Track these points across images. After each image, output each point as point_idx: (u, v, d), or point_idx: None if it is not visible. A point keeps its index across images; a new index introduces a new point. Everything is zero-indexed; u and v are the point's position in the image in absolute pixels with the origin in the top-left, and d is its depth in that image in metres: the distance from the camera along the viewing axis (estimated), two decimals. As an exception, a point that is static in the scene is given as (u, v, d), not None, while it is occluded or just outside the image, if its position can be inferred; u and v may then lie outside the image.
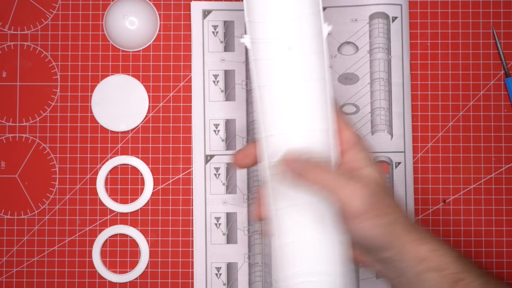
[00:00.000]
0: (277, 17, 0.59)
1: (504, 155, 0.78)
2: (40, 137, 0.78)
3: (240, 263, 0.77)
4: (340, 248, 0.61)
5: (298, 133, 0.60)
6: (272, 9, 0.59)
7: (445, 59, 0.78)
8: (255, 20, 0.59)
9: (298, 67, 0.60)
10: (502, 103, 0.78)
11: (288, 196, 0.61)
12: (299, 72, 0.60)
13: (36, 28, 0.79)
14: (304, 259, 0.61)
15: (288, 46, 0.59)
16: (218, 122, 0.78)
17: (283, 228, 0.61)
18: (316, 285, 0.61)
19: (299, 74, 0.60)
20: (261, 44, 0.59)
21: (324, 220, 0.61)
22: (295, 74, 0.60)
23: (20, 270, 0.78)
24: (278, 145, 0.60)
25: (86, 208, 0.78)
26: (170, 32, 0.79)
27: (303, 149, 0.60)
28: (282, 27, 0.59)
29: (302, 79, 0.60)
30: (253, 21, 0.59)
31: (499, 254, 0.77)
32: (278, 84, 0.60)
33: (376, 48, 0.78)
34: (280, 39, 0.59)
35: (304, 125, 0.60)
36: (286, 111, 0.60)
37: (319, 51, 0.59)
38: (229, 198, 0.78)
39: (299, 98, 0.60)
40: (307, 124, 0.60)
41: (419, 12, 0.78)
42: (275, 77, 0.60)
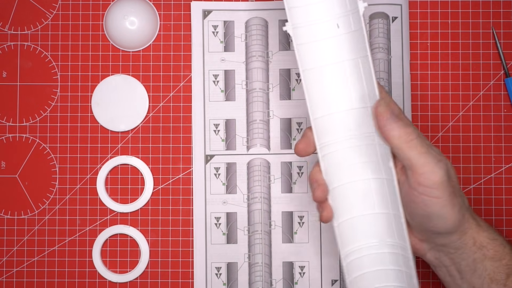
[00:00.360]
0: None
1: (504, 155, 0.78)
2: (40, 137, 0.78)
3: (240, 263, 0.77)
4: (402, 222, 0.61)
5: (349, 111, 0.62)
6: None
7: (445, 59, 0.78)
8: (297, 5, 0.60)
9: (346, 44, 0.61)
10: (502, 103, 0.78)
11: (342, 174, 0.63)
12: (347, 50, 0.61)
13: (36, 28, 0.79)
14: (365, 233, 0.63)
15: (336, 24, 0.60)
16: (218, 122, 0.78)
17: (340, 205, 0.63)
18: (384, 256, 0.62)
19: (347, 52, 0.61)
20: (305, 28, 0.60)
21: (382, 195, 0.62)
22: (343, 52, 0.61)
23: (20, 270, 0.78)
24: (327, 126, 0.62)
25: (86, 208, 0.78)
26: (170, 32, 0.79)
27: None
28: (327, 6, 0.60)
29: (350, 57, 0.61)
30: (295, 6, 0.60)
31: (499, 254, 0.77)
32: (326, 65, 0.61)
33: (376, 48, 0.78)
34: (327, 19, 0.60)
35: (354, 103, 0.62)
36: (335, 90, 0.62)
37: (361, 27, 0.60)
38: (229, 198, 0.78)
39: (348, 76, 0.61)
40: (357, 101, 0.62)
41: (419, 12, 0.78)
42: (323, 58, 0.61)
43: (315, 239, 0.77)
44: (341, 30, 0.61)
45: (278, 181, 0.78)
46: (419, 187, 0.59)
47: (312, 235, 0.77)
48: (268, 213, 0.77)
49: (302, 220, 0.77)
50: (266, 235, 0.77)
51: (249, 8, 0.79)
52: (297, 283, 0.77)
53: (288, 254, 0.77)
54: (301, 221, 0.77)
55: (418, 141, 0.59)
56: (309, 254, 0.77)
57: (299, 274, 0.77)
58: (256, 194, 0.77)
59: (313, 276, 0.77)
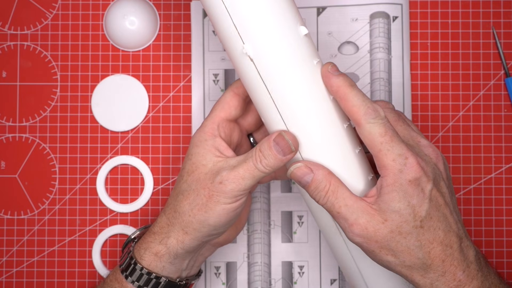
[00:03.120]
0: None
1: (504, 155, 0.77)
2: (40, 137, 0.78)
3: (240, 262, 0.77)
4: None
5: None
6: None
7: (445, 59, 0.78)
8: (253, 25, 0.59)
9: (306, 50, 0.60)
10: (502, 103, 0.78)
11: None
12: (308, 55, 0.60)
13: (36, 28, 0.79)
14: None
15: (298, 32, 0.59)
16: (218, 122, 0.78)
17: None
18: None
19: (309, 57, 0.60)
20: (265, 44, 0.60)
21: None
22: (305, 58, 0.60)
23: (20, 270, 0.78)
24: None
25: (86, 208, 0.78)
26: (170, 32, 0.79)
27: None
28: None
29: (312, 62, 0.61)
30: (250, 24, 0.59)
31: (499, 254, 0.77)
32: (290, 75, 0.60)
33: (376, 48, 0.77)
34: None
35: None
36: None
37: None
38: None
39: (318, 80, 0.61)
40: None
41: (419, 12, 0.78)
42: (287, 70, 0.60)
43: (314, 239, 0.77)
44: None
45: (278, 181, 0.78)
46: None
47: (312, 235, 0.77)
48: (268, 212, 0.77)
49: (302, 219, 0.77)
50: (265, 235, 0.77)
51: (249, 7, 0.79)
52: (296, 282, 0.77)
53: (287, 253, 0.77)
54: (300, 221, 0.77)
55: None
56: (308, 253, 0.77)
57: (298, 273, 0.77)
58: (256, 193, 0.77)
59: (312, 276, 0.77)
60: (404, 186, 0.57)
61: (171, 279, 0.66)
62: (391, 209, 0.58)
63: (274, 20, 0.58)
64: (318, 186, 0.60)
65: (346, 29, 0.78)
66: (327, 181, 0.59)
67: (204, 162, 0.64)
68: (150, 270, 0.65)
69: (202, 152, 0.64)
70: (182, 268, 0.67)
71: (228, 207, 0.63)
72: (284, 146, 0.60)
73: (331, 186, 0.59)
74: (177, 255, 0.65)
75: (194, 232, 0.64)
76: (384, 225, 0.58)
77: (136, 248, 0.67)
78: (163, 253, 0.65)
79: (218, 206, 0.62)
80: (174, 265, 0.66)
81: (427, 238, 0.58)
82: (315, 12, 0.78)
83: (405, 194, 0.57)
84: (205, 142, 0.64)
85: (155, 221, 0.67)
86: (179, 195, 0.65)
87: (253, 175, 0.62)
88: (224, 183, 0.62)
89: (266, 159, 0.61)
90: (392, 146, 0.58)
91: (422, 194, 0.58)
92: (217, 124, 0.65)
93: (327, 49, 0.78)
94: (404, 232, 0.58)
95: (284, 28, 0.58)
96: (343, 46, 0.78)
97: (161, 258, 0.65)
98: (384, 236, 0.58)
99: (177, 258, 0.65)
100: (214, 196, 0.62)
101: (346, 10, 0.78)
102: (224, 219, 0.63)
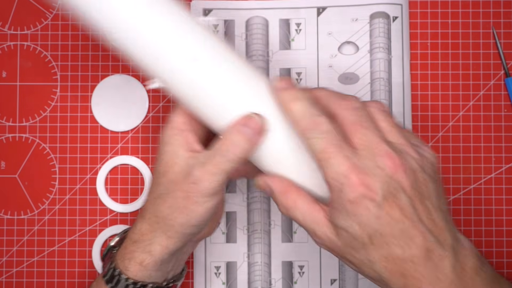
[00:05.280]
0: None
1: (504, 155, 0.77)
2: (40, 137, 0.78)
3: (240, 262, 0.77)
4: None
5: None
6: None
7: (445, 59, 0.78)
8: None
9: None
10: (502, 103, 0.78)
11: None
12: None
13: (36, 28, 0.79)
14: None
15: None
16: (218, 122, 0.78)
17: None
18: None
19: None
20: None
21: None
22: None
23: (20, 270, 0.78)
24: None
25: (86, 208, 0.78)
26: (170, 32, 0.79)
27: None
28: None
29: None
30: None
31: (499, 254, 0.77)
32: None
33: (376, 48, 0.77)
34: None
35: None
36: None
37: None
38: (228, 197, 0.78)
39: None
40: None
41: (419, 12, 0.78)
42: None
43: (314, 239, 0.77)
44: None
45: (278, 181, 0.78)
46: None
47: (312, 235, 0.77)
48: (268, 212, 0.77)
49: (302, 219, 0.77)
50: (265, 235, 0.77)
51: (250, 7, 0.79)
52: (296, 282, 0.77)
53: (288, 253, 0.77)
54: (300, 221, 0.77)
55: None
56: (309, 253, 0.77)
57: (298, 273, 0.77)
58: (256, 193, 0.77)
59: (313, 276, 0.77)
60: (346, 206, 0.55)
61: (157, 284, 0.65)
62: (339, 225, 0.57)
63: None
64: (277, 200, 0.60)
65: (346, 29, 0.78)
66: (284, 196, 0.59)
67: (176, 159, 0.62)
68: (136, 280, 0.64)
69: (173, 149, 0.62)
70: (167, 270, 0.66)
71: (209, 205, 0.61)
72: (254, 125, 0.59)
73: (288, 200, 0.59)
74: (162, 261, 0.64)
75: (177, 235, 0.63)
76: (337, 238, 0.57)
77: (119, 258, 0.65)
78: (148, 262, 0.63)
79: (198, 207, 0.61)
80: (160, 271, 0.65)
81: (381, 254, 0.56)
82: (315, 12, 0.78)
83: (347, 213, 0.56)
84: (174, 137, 0.63)
85: (133, 227, 0.65)
86: (157, 199, 0.63)
87: (223, 169, 0.60)
88: (197, 183, 0.60)
89: (235, 146, 0.60)
90: (331, 164, 0.56)
91: (367, 212, 0.55)
92: (185, 117, 0.63)
93: (327, 49, 0.78)
94: (355, 248, 0.57)
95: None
96: (343, 46, 0.78)
97: (147, 266, 0.64)
98: (339, 248, 0.58)
99: (162, 264, 0.64)
100: (191, 197, 0.61)
101: (346, 10, 0.78)
102: (206, 217, 0.62)
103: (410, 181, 0.56)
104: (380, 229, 0.55)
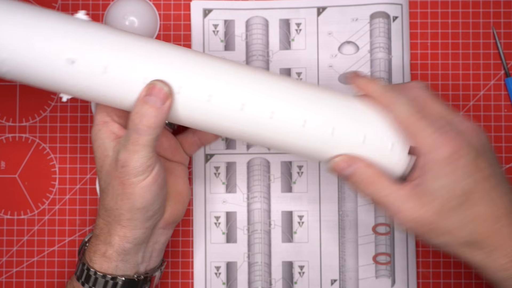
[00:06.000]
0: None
1: (504, 155, 0.77)
2: (40, 137, 0.78)
3: (240, 262, 0.77)
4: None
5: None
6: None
7: (445, 59, 0.78)
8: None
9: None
10: (502, 103, 0.78)
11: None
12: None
13: (36, 28, 0.79)
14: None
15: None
16: (218, 122, 0.78)
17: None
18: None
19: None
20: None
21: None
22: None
23: (20, 270, 0.78)
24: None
25: (86, 208, 0.78)
26: (170, 32, 0.79)
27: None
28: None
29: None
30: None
31: (499, 254, 0.77)
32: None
33: (376, 48, 0.77)
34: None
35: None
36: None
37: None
38: (229, 197, 0.78)
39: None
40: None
41: (419, 12, 0.78)
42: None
43: (314, 239, 0.77)
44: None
45: (278, 181, 0.78)
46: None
47: (312, 235, 0.77)
48: (268, 212, 0.77)
49: (302, 219, 0.77)
50: (265, 235, 0.77)
51: (250, 7, 0.79)
52: (296, 282, 0.77)
53: (288, 253, 0.77)
54: (300, 221, 0.77)
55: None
56: (309, 253, 0.77)
57: (298, 273, 0.77)
58: (256, 193, 0.77)
59: (313, 276, 0.77)
60: (440, 164, 0.58)
61: (127, 276, 0.65)
62: (432, 189, 0.58)
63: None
64: (359, 179, 0.60)
65: (346, 29, 0.78)
66: (367, 173, 0.60)
67: (106, 152, 0.63)
68: (104, 273, 0.64)
69: (101, 143, 0.63)
70: (137, 262, 0.66)
71: (144, 184, 0.61)
72: (158, 92, 0.59)
73: (371, 177, 0.60)
74: (126, 251, 0.64)
75: (129, 222, 0.63)
76: (429, 207, 0.58)
77: (86, 253, 0.66)
78: (111, 253, 0.64)
79: (134, 188, 0.61)
80: (128, 262, 0.65)
81: (471, 214, 0.58)
82: (315, 12, 0.78)
83: (443, 172, 0.57)
84: (99, 132, 0.64)
85: (95, 223, 0.66)
86: (102, 194, 0.64)
87: (142, 144, 0.60)
88: (124, 165, 0.61)
89: (145, 117, 0.59)
90: (424, 126, 0.59)
91: (460, 170, 0.58)
92: (105, 111, 0.64)
93: (327, 49, 0.78)
94: (448, 210, 0.58)
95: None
96: (343, 46, 0.78)
97: (110, 258, 0.64)
98: (430, 217, 0.58)
99: (128, 254, 0.64)
100: (125, 181, 0.61)
101: (346, 10, 0.78)
102: (149, 196, 0.62)
103: (485, 147, 0.61)
104: (472, 187, 0.58)
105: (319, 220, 0.77)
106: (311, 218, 0.77)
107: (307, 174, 0.77)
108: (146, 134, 0.60)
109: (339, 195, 0.77)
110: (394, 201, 0.59)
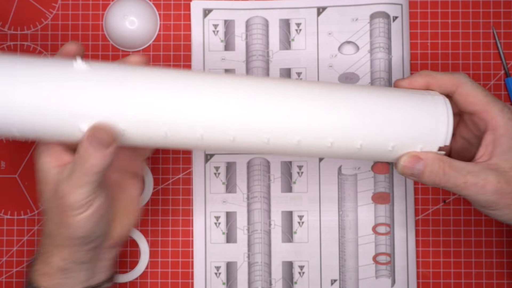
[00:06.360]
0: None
1: (504, 155, 0.77)
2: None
3: (240, 262, 0.77)
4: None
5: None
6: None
7: (445, 59, 0.78)
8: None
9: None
10: (502, 103, 0.78)
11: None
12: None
13: (36, 28, 0.79)
14: None
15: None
16: (218, 122, 0.78)
17: None
18: None
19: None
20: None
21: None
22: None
23: (20, 270, 0.78)
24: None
25: (86, 208, 0.78)
26: (170, 32, 0.79)
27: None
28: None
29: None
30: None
31: (499, 254, 0.77)
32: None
33: (376, 48, 0.77)
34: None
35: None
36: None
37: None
38: (229, 197, 0.78)
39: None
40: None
41: (419, 12, 0.78)
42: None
43: (314, 239, 0.77)
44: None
45: (278, 181, 0.78)
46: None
47: (312, 235, 0.77)
48: (268, 212, 0.77)
49: (302, 219, 0.77)
50: (265, 235, 0.77)
51: (250, 7, 0.79)
52: (296, 282, 0.77)
53: (288, 253, 0.77)
54: (300, 221, 0.77)
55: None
56: (309, 253, 0.77)
57: (298, 273, 0.77)
58: (256, 193, 0.77)
59: (313, 276, 0.77)
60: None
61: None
62: (508, 159, 0.60)
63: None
64: (433, 169, 0.60)
65: (346, 29, 0.78)
66: (439, 160, 0.60)
67: (47, 178, 0.60)
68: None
69: (44, 167, 0.61)
70: (81, 280, 0.64)
71: (84, 216, 0.60)
72: (102, 136, 0.57)
73: (445, 163, 0.60)
74: (67, 270, 0.63)
75: (69, 247, 0.62)
76: (508, 176, 0.60)
77: (33, 269, 0.64)
78: (53, 272, 0.63)
79: (74, 220, 0.60)
80: (71, 279, 0.63)
81: None
82: (315, 12, 0.78)
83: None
84: (41, 155, 0.61)
85: (40, 242, 0.65)
86: (44, 217, 0.62)
87: (87, 181, 0.58)
88: (64, 197, 0.59)
89: (90, 158, 0.58)
90: (495, 100, 0.62)
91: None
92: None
93: (327, 49, 0.78)
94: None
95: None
96: (343, 46, 0.78)
97: (52, 276, 0.63)
98: (507, 191, 0.60)
99: (70, 272, 0.63)
100: (64, 211, 0.59)
101: (346, 10, 0.78)
102: (90, 226, 0.61)
103: None
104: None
105: (319, 220, 0.77)
106: (311, 218, 0.77)
107: (307, 174, 0.77)
108: (91, 175, 0.58)
109: (339, 195, 0.77)
110: (477, 176, 0.60)
